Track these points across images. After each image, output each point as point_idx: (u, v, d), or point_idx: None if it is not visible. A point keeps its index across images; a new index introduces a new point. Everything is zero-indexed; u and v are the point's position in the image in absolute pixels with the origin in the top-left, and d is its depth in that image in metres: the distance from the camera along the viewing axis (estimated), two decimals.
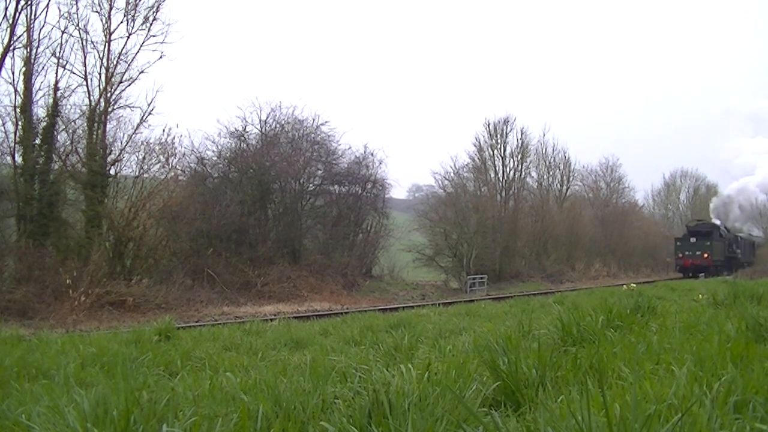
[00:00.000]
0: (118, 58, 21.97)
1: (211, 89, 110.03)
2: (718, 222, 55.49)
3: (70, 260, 19.04)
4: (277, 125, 29.71)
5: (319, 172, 30.68)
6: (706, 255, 44.73)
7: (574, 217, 46.24)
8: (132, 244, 21.53)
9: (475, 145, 40.72)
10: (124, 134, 22.24)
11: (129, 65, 22.12)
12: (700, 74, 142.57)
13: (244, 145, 28.52)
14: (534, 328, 6.31)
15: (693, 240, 45.99)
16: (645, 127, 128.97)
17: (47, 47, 20.88)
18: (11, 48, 20.26)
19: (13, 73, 20.36)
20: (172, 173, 23.56)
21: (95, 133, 21.62)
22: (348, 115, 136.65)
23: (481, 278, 31.68)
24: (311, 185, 30.38)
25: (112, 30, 22.02)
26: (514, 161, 41.31)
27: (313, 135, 30.38)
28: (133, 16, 22.18)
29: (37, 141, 20.61)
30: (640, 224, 56.15)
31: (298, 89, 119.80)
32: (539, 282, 36.71)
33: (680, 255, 45.78)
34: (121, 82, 22.02)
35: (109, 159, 21.84)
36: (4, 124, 20.44)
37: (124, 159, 22.29)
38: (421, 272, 35.45)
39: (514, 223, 39.18)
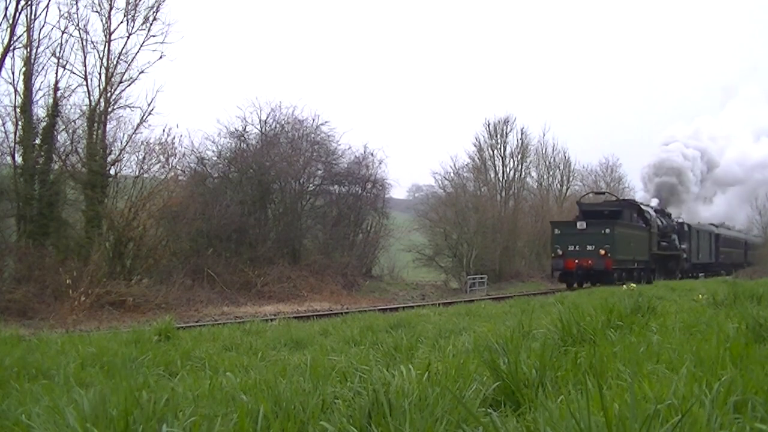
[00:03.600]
0: (118, 58, 22.02)
1: (211, 89, 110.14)
2: (654, 202, 39.54)
3: (70, 260, 19.05)
4: (277, 125, 29.76)
5: (319, 172, 30.71)
6: (603, 252, 27.64)
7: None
8: (132, 244, 21.55)
9: (475, 145, 40.82)
10: (124, 134, 22.33)
11: (129, 65, 22.18)
12: (699, 74, 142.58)
13: (244, 145, 28.56)
14: (534, 328, 6.31)
15: (581, 226, 28.44)
16: (645, 127, 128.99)
17: (47, 47, 20.94)
18: (11, 48, 20.31)
19: (13, 73, 20.43)
20: (172, 173, 23.63)
21: (95, 133, 21.64)
22: (348, 115, 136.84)
23: (481, 278, 31.66)
24: (311, 185, 30.42)
25: (112, 30, 22.07)
26: (514, 161, 41.40)
27: (313, 135, 30.42)
28: (133, 16, 22.22)
29: (37, 141, 20.64)
30: None
31: (298, 89, 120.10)
32: (539, 282, 36.69)
33: (560, 252, 28.40)
34: (121, 82, 22.07)
35: (109, 159, 21.88)
36: (4, 124, 20.51)
37: (124, 159, 22.38)
38: (421, 272, 35.46)
39: (514, 223, 39.19)
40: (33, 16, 20.52)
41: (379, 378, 3.62)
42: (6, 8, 20.14)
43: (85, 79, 21.56)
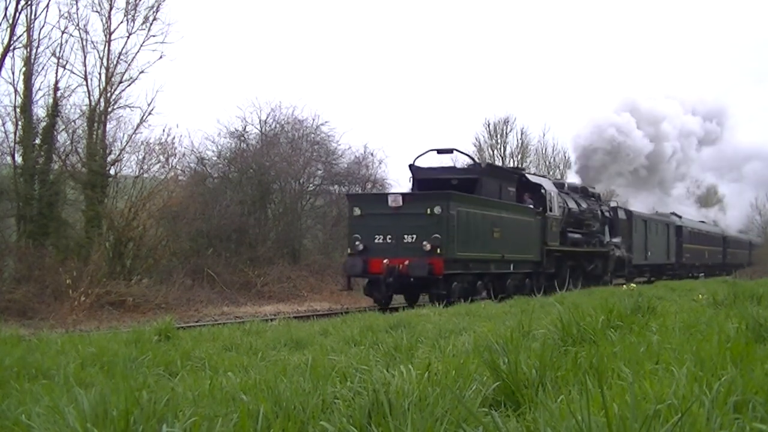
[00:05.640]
0: (118, 58, 21.97)
1: (211, 89, 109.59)
2: (582, 180, 29.91)
3: (70, 260, 19.03)
4: (277, 125, 29.74)
5: (319, 172, 30.67)
6: (428, 246, 16.04)
7: None
8: (132, 244, 21.54)
9: (474, 145, 40.99)
10: (124, 134, 22.27)
11: (129, 65, 22.11)
12: (698, 74, 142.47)
13: (244, 145, 28.55)
14: (534, 328, 6.32)
15: (395, 203, 16.75)
16: None
17: (47, 47, 20.86)
18: (11, 48, 20.26)
19: (13, 73, 20.36)
20: (172, 173, 23.60)
21: (95, 133, 21.63)
22: (348, 115, 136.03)
23: None
24: (311, 185, 30.38)
25: (112, 30, 22.00)
26: (514, 161, 41.46)
27: (312, 135, 30.39)
28: (133, 16, 22.16)
29: (37, 141, 20.61)
30: None
31: (298, 89, 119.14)
32: None
33: (360, 246, 17.08)
34: (121, 82, 22.02)
35: (109, 159, 21.85)
36: (4, 124, 20.46)
37: (124, 159, 22.32)
38: None
39: None
40: (33, 16, 20.48)
41: (379, 378, 3.63)
42: (6, 8, 20.11)
43: (85, 79, 21.54)
